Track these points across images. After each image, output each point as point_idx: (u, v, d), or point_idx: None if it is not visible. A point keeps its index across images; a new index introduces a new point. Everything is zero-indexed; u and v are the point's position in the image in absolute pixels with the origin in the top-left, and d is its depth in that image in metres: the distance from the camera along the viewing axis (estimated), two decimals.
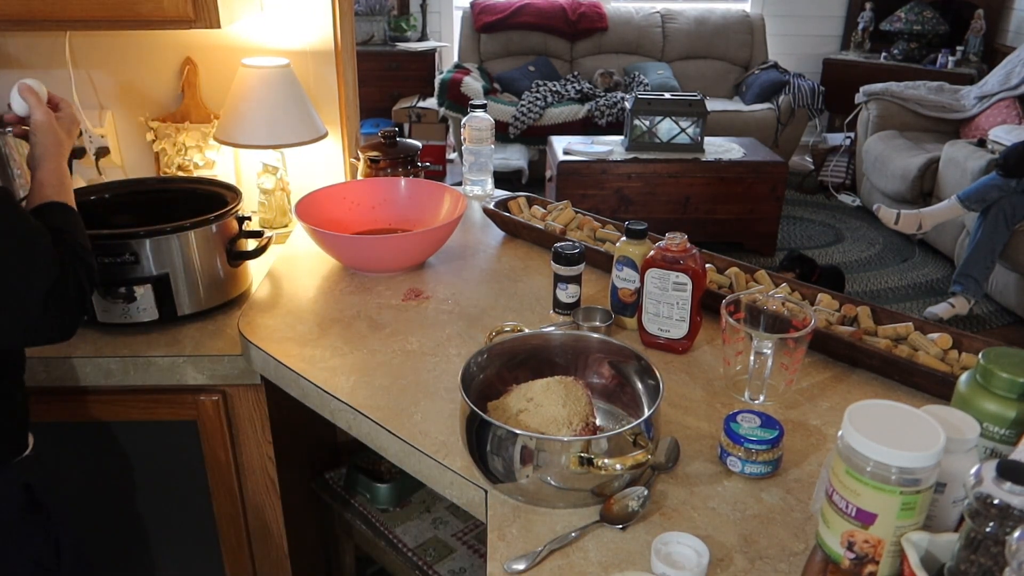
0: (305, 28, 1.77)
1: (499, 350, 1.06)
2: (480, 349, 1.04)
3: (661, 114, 3.75)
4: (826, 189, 4.78)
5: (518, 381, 1.02)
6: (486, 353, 1.04)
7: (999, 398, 0.80)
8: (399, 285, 1.46)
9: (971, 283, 3.20)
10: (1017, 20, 4.95)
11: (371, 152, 1.74)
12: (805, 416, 1.09)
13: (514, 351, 1.07)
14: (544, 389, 0.97)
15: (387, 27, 5.33)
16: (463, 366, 0.98)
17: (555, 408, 0.94)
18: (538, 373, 1.04)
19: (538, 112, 4.61)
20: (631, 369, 1.05)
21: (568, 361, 1.08)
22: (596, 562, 0.84)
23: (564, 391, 0.96)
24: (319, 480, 1.67)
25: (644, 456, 0.86)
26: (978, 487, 0.61)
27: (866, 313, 1.28)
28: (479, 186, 1.91)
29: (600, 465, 0.86)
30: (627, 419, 1.05)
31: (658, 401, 0.94)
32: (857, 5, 5.43)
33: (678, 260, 1.17)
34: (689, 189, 3.75)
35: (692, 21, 5.24)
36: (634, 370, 1.04)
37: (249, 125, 1.65)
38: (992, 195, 3.17)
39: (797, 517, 0.90)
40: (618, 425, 1.04)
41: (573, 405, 0.95)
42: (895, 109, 4.36)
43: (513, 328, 1.12)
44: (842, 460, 0.71)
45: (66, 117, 1.18)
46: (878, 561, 0.71)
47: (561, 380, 0.99)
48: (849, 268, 3.80)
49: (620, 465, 0.85)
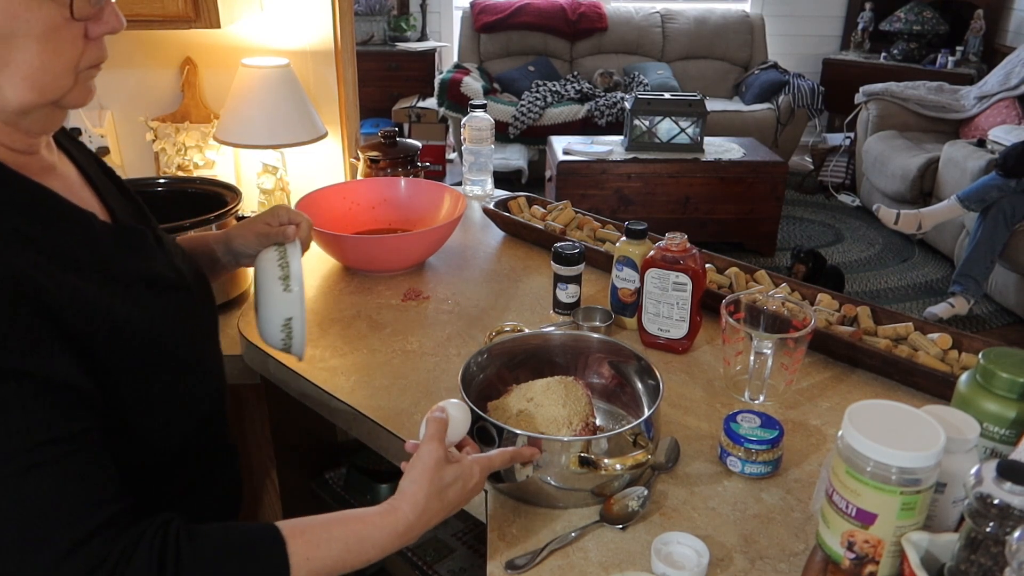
0: (305, 28, 1.77)
1: (499, 350, 1.06)
2: (480, 349, 1.04)
3: (661, 114, 3.75)
4: (826, 189, 4.78)
5: (518, 381, 1.03)
6: (486, 353, 1.04)
7: (999, 398, 0.80)
8: (399, 285, 1.46)
9: (971, 283, 3.20)
10: (1017, 20, 4.95)
11: (371, 152, 1.74)
12: (805, 416, 1.09)
13: (514, 351, 1.07)
14: (544, 389, 0.97)
15: (387, 27, 5.33)
16: (463, 366, 0.99)
17: (555, 408, 0.94)
18: (538, 373, 1.04)
19: (538, 112, 4.60)
20: (631, 369, 1.05)
21: (568, 361, 1.08)
22: (596, 562, 0.84)
23: (564, 391, 0.97)
24: (319, 480, 1.67)
25: (644, 456, 0.87)
26: (978, 487, 0.61)
27: (866, 313, 1.28)
28: (479, 186, 1.91)
29: (600, 465, 0.86)
30: (627, 419, 1.05)
31: (658, 401, 0.94)
32: (857, 5, 5.42)
33: (678, 260, 1.17)
34: (689, 189, 3.75)
35: (692, 21, 5.24)
36: (634, 370, 1.05)
37: (249, 125, 1.65)
38: (992, 195, 3.16)
39: (797, 517, 0.90)
40: (618, 425, 1.04)
41: (573, 405, 0.95)
42: (895, 109, 4.36)
43: (513, 328, 1.12)
44: (842, 460, 0.71)
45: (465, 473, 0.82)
46: (878, 561, 0.71)
47: (561, 380, 0.99)
48: (849, 268, 3.79)
49: (620, 465, 0.86)
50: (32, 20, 0.66)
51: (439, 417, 0.82)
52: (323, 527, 0.74)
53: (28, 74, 0.68)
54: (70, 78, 0.71)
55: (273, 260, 0.96)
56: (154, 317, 0.78)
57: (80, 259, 0.73)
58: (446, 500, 0.79)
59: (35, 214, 0.71)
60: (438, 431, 0.81)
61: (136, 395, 0.76)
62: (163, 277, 0.83)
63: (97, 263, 0.74)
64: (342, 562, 0.73)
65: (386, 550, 0.76)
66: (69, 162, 0.84)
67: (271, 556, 0.70)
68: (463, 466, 0.81)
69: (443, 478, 0.79)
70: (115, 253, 0.78)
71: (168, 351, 0.80)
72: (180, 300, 0.85)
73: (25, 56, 0.67)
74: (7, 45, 0.66)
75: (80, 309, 0.69)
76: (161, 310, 0.80)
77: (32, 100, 0.70)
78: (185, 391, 0.84)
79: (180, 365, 0.82)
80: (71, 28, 0.69)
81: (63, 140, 0.86)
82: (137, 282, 0.78)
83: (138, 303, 0.77)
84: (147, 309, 0.77)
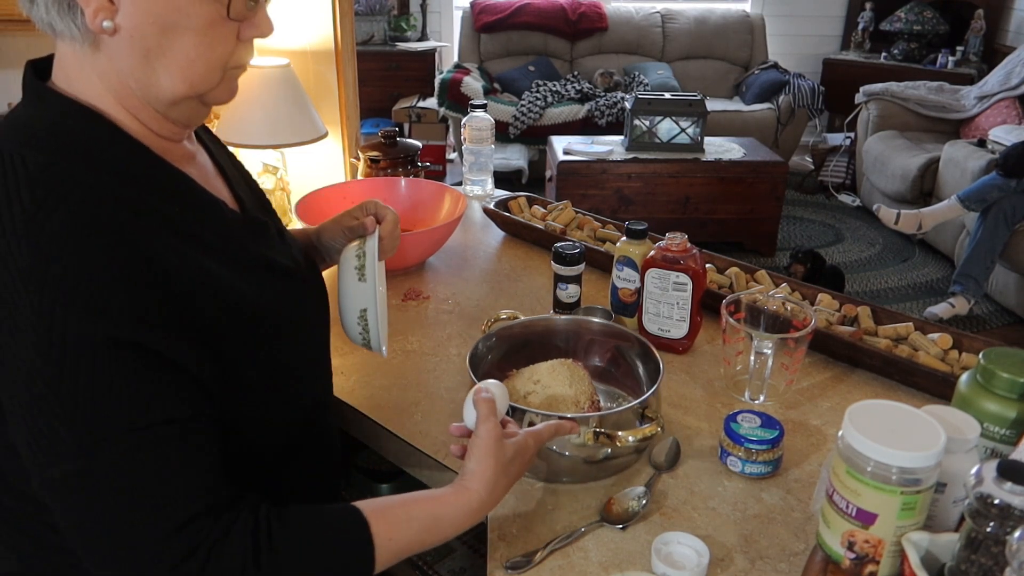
0: (305, 28, 1.77)
1: (506, 334, 1.10)
2: (488, 332, 1.08)
3: (661, 114, 3.75)
4: (826, 189, 4.78)
5: (517, 366, 1.06)
6: (494, 336, 1.08)
7: (999, 398, 0.80)
8: (399, 285, 1.46)
9: (971, 283, 3.20)
10: (1017, 20, 4.94)
11: (371, 152, 1.74)
12: (805, 416, 1.09)
13: (516, 336, 1.11)
14: (550, 371, 1.01)
15: (387, 27, 5.33)
16: (471, 348, 1.02)
17: (562, 388, 0.98)
18: (535, 359, 1.07)
19: (538, 112, 4.60)
20: (630, 352, 1.09)
21: (568, 345, 1.13)
22: (596, 562, 0.84)
23: (568, 372, 1.00)
24: None
25: (654, 429, 0.90)
26: (979, 487, 0.61)
27: (866, 313, 1.28)
28: (479, 186, 1.91)
29: (615, 438, 0.90)
30: (625, 398, 1.08)
31: (660, 376, 0.98)
32: (857, 5, 5.42)
33: (678, 260, 1.17)
34: (689, 189, 3.75)
35: (692, 21, 5.24)
36: (635, 353, 1.08)
37: (249, 125, 1.65)
38: (992, 195, 3.16)
39: (797, 517, 0.90)
40: (617, 405, 1.07)
41: (578, 385, 0.99)
42: (895, 109, 4.35)
43: (509, 316, 1.14)
44: (842, 460, 0.71)
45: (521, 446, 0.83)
46: (878, 561, 0.71)
47: (563, 362, 1.03)
48: (849, 268, 3.79)
49: (632, 438, 0.90)
50: (193, 14, 0.70)
51: (488, 397, 0.83)
52: (402, 507, 0.77)
53: (183, 65, 0.72)
54: (218, 74, 0.75)
55: (352, 251, 0.96)
56: (273, 299, 0.81)
57: (211, 242, 0.76)
58: (511, 474, 0.81)
59: (174, 197, 0.75)
60: (491, 410, 0.82)
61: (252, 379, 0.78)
62: (282, 265, 0.86)
63: (225, 247, 0.78)
64: (419, 541, 0.76)
65: (460, 528, 0.78)
66: (205, 153, 0.88)
67: (357, 537, 0.73)
68: (520, 441, 0.83)
69: (505, 453, 0.80)
70: (241, 239, 0.82)
71: (285, 334, 0.83)
72: (296, 287, 0.88)
73: (183, 48, 0.71)
74: (168, 35, 0.70)
75: (207, 289, 0.73)
76: (280, 293, 0.83)
77: (183, 91, 0.74)
78: (298, 379, 0.86)
79: (295, 350, 0.85)
80: (226, 27, 0.73)
81: (201, 133, 0.91)
82: (259, 266, 0.82)
83: (260, 285, 0.80)
84: (267, 291, 0.81)
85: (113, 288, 0.64)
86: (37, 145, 0.69)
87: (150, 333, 0.66)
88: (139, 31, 0.70)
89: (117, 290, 0.64)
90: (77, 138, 0.71)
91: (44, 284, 0.63)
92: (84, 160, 0.69)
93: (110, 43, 0.70)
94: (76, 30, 0.70)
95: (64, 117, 0.72)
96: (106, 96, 0.73)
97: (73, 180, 0.67)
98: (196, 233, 0.75)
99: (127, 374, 0.65)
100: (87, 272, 0.64)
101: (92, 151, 0.71)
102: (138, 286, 0.66)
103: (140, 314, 0.65)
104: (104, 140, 0.72)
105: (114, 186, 0.69)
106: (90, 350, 0.63)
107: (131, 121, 0.75)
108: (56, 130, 0.71)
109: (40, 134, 0.70)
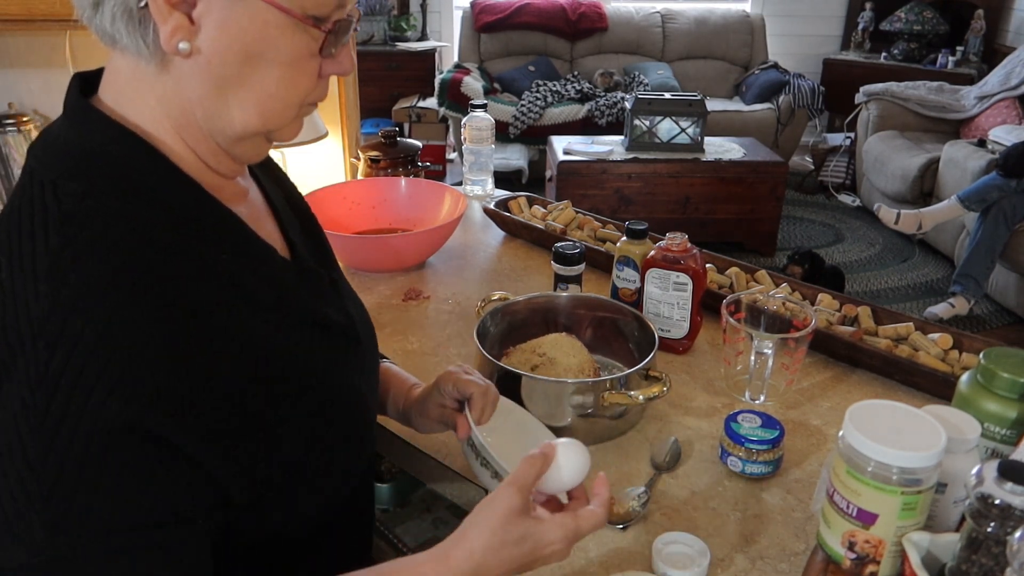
0: None
1: (510, 310, 1.15)
2: (495, 308, 1.14)
3: (661, 114, 3.75)
4: (826, 189, 4.78)
5: (514, 344, 1.11)
6: (500, 312, 1.14)
7: (1000, 398, 0.80)
8: (399, 285, 1.46)
9: (971, 283, 3.20)
10: (1017, 20, 4.94)
11: (371, 152, 1.74)
12: (806, 416, 1.09)
13: (519, 311, 1.17)
14: (553, 344, 1.07)
15: (387, 27, 5.33)
16: (478, 322, 1.08)
17: (568, 359, 1.04)
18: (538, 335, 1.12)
19: (538, 112, 4.60)
20: (626, 324, 1.15)
21: (568, 321, 1.19)
22: (596, 562, 0.84)
23: (569, 345, 1.06)
24: None
25: (661, 388, 0.99)
26: (979, 487, 0.61)
27: (866, 313, 1.28)
28: (479, 186, 1.91)
29: (629, 396, 0.99)
30: (619, 368, 1.16)
31: (656, 345, 1.05)
32: (857, 5, 5.42)
33: (678, 260, 1.17)
34: (689, 189, 3.75)
35: (692, 21, 5.24)
36: (633, 327, 1.14)
37: None
38: (992, 195, 3.16)
39: (798, 517, 0.90)
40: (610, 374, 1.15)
41: (579, 355, 1.05)
42: (895, 109, 4.36)
43: (501, 297, 1.19)
44: (843, 460, 0.71)
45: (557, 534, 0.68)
46: (879, 561, 0.71)
47: (561, 336, 1.09)
48: (849, 268, 3.79)
49: (643, 396, 0.98)
50: (283, 47, 0.63)
51: (537, 457, 0.69)
52: None
53: (261, 99, 0.65)
54: (293, 111, 0.68)
55: (474, 460, 0.83)
56: (323, 364, 0.72)
57: (260, 297, 0.67)
58: (504, 558, 0.65)
59: (223, 242, 0.67)
60: (527, 477, 0.67)
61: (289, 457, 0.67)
62: (335, 322, 0.76)
63: (275, 302, 0.69)
64: None
65: None
66: (257, 189, 0.80)
67: None
68: (540, 527, 0.67)
69: (508, 532, 0.65)
70: (292, 292, 0.72)
71: (333, 405, 0.73)
72: (348, 347, 0.79)
73: (263, 80, 0.64)
74: (250, 65, 0.63)
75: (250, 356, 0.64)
76: (330, 356, 0.74)
77: (255, 126, 0.66)
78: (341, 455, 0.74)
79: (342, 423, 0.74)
80: (312, 62, 0.66)
81: (254, 167, 0.82)
82: (310, 323, 0.72)
83: (310, 345, 0.71)
84: (317, 354, 0.72)
85: (138, 362, 0.55)
86: (74, 174, 0.61)
87: (171, 423, 0.56)
88: (219, 58, 0.61)
89: (141, 365, 0.55)
90: (122, 170, 0.62)
91: (58, 341, 0.53)
92: (125, 194, 0.61)
93: (181, 66, 0.62)
94: (144, 47, 0.61)
95: (109, 143, 0.63)
96: (163, 122, 0.65)
97: (110, 218, 0.59)
98: (244, 284, 0.66)
99: (128, 467, 0.55)
100: (111, 335, 0.54)
101: (137, 185, 0.63)
102: (168, 362, 0.56)
103: (164, 399, 0.56)
104: (152, 173, 0.64)
105: (157, 228, 0.61)
106: (91, 432, 0.53)
107: (187, 152, 0.66)
108: (99, 159, 0.62)
109: (81, 163, 0.62)
